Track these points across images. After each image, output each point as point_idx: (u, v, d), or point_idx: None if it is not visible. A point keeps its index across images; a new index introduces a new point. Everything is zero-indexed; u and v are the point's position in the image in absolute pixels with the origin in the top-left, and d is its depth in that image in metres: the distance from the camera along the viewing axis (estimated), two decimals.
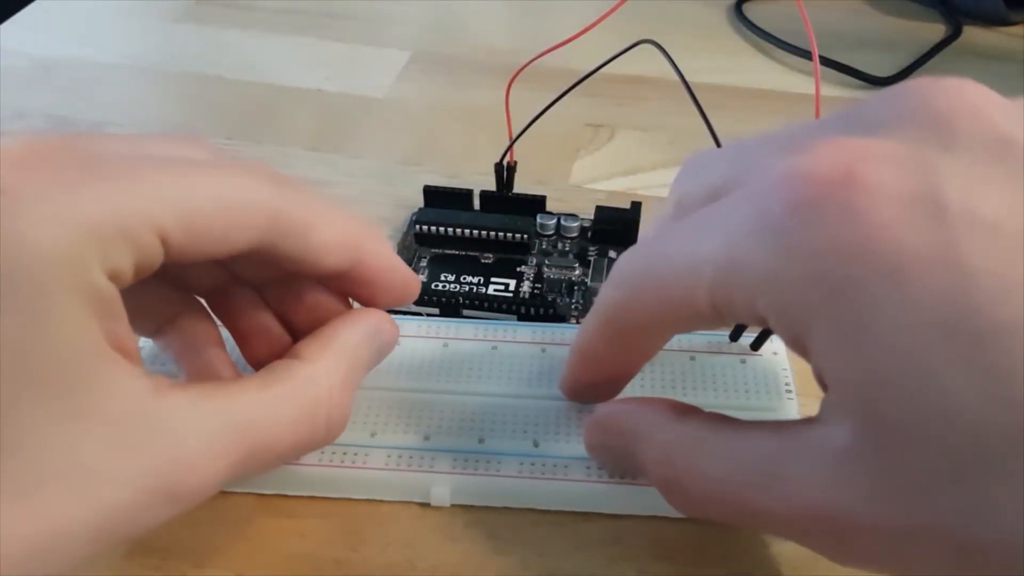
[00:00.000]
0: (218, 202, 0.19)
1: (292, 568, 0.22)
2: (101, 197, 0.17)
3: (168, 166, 0.18)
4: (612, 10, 0.27)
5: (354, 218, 0.22)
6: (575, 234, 0.31)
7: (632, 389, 0.24)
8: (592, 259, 0.30)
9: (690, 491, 0.19)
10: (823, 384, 0.17)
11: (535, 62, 0.28)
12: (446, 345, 0.26)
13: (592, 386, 0.23)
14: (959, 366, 0.14)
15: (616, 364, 0.22)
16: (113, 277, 0.17)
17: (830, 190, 0.15)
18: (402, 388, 0.25)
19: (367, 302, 0.23)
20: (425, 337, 0.26)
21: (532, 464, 0.23)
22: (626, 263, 0.20)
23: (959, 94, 0.16)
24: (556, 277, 0.29)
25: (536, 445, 0.23)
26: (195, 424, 0.18)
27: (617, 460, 0.22)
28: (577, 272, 0.30)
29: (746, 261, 0.16)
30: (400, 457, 0.23)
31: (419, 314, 0.27)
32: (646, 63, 0.41)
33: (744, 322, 0.23)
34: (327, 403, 0.20)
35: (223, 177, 0.19)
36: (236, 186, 0.19)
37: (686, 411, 0.20)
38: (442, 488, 0.23)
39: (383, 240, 0.22)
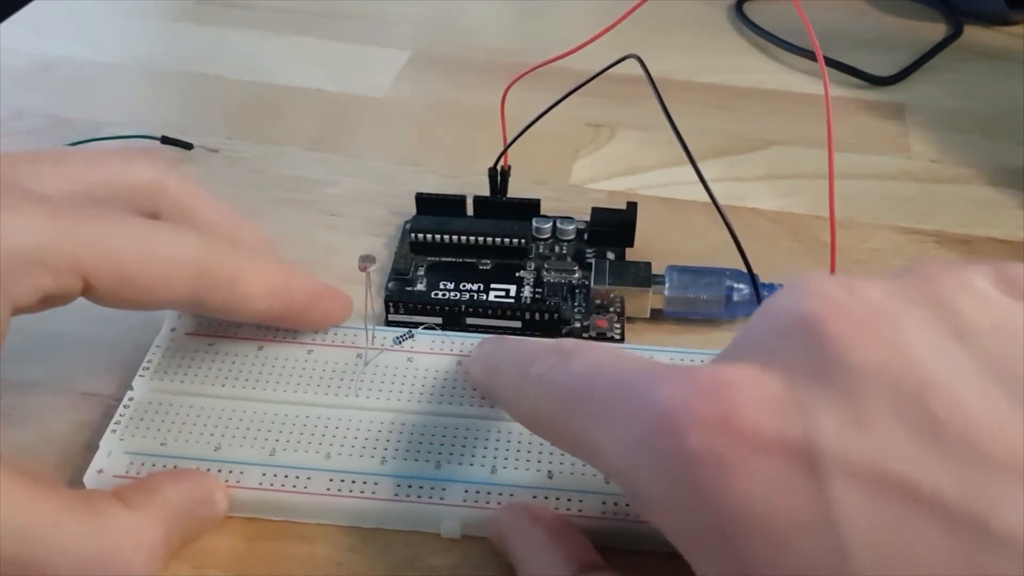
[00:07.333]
0: (143, 254, 0.20)
1: (292, 568, 0.22)
2: (28, 224, 0.19)
3: (98, 215, 0.20)
4: (624, 17, 0.27)
5: (280, 265, 0.24)
6: (572, 237, 0.31)
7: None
8: (591, 261, 0.30)
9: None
10: None
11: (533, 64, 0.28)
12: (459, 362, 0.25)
13: None
14: None
15: None
16: (18, 299, 0.19)
17: (706, 438, 0.15)
18: (414, 411, 0.24)
19: (304, 329, 0.25)
20: (429, 353, 0.25)
21: (546, 498, 0.22)
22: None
23: (836, 307, 0.15)
24: (556, 281, 0.29)
25: (550, 477, 0.23)
26: None
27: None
28: (577, 275, 0.29)
29: (636, 479, 0.16)
30: (411, 487, 0.22)
31: (422, 323, 0.27)
32: (646, 64, 0.41)
33: None
34: (130, 555, 0.20)
35: (151, 231, 0.21)
36: (163, 242, 0.21)
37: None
38: (453, 522, 0.22)
39: (310, 278, 0.24)
